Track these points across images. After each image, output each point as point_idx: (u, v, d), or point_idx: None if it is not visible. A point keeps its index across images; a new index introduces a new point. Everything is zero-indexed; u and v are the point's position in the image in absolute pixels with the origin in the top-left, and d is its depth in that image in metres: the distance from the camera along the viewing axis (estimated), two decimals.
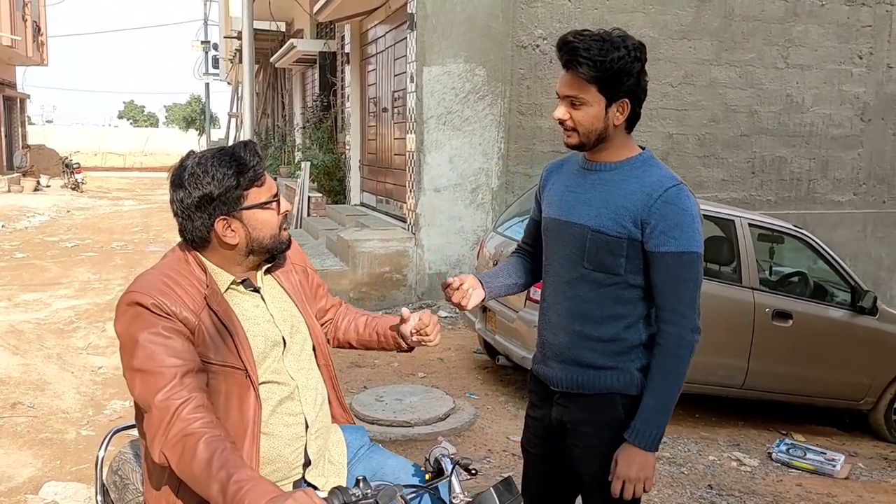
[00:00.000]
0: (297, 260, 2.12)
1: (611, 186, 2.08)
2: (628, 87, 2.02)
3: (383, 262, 8.44)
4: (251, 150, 1.85)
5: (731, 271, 5.39)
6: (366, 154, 12.48)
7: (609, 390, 2.09)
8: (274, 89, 22.90)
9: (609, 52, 1.98)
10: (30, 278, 9.65)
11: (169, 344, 1.72)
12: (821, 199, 9.90)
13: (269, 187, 1.88)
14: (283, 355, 1.93)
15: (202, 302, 1.81)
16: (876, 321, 5.55)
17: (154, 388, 1.68)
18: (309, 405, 1.94)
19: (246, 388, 1.82)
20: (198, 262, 1.88)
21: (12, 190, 21.47)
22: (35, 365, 5.99)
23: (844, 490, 4.56)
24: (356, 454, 2.09)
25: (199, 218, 1.83)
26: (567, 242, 2.14)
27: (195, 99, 54.65)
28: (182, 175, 1.83)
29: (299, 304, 2.03)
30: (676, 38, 9.04)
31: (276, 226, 1.90)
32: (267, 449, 1.86)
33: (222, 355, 1.80)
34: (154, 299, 1.75)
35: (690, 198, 2.04)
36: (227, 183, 1.80)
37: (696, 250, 2.02)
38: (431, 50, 8.36)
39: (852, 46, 9.72)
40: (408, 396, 5.14)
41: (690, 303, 2.03)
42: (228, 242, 1.85)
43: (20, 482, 4.05)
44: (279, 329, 1.93)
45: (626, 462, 2.03)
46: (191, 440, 1.62)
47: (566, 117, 2.07)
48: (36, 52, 25.82)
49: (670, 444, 5.00)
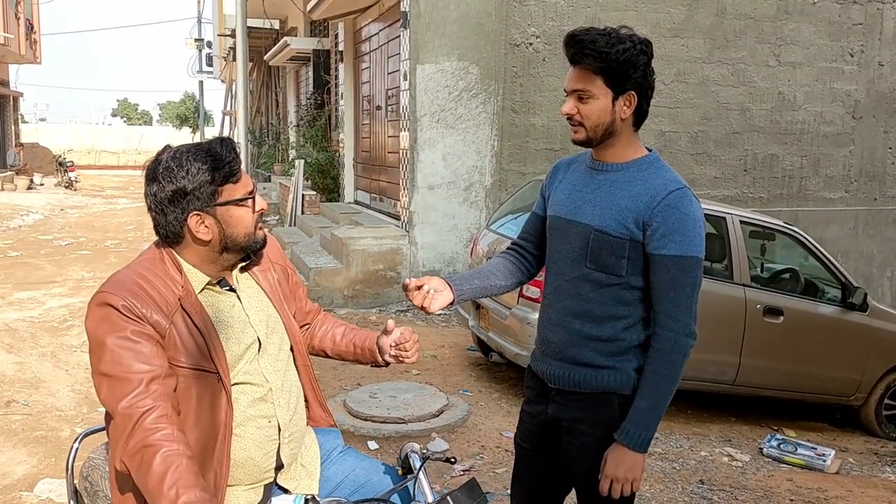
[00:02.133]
0: (275, 258, 2.08)
1: (616, 187, 2.09)
2: (635, 79, 2.04)
3: (377, 259, 8.46)
4: (227, 146, 1.83)
5: (722, 268, 5.43)
6: (360, 152, 12.48)
7: (606, 389, 2.11)
8: (268, 87, 22.87)
9: (615, 44, 2.00)
10: (24, 277, 9.65)
11: (137, 349, 1.70)
12: (813, 196, 9.95)
13: (244, 184, 1.85)
14: (259, 356, 1.90)
15: (175, 303, 1.78)
16: (866, 317, 5.59)
17: (119, 395, 1.67)
18: (283, 408, 1.91)
19: (218, 391, 1.79)
20: (173, 261, 1.84)
21: (6, 188, 21.41)
22: (29, 363, 6.00)
23: (835, 485, 4.59)
24: (328, 456, 2.07)
25: (172, 212, 1.80)
26: (570, 241, 2.15)
27: (189, 97, 54.50)
28: (157, 169, 1.81)
29: (276, 304, 1.99)
30: (669, 37, 9.07)
31: (251, 223, 1.87)
32: (237, 451, 1.84)
33: (194, 359, 1.77)
34: (125, 301, 1.72)
35: (694, 202, 2.05)
36: (202, 178, 1.78)
37: (697, 255, 2.02)
38: (425, 48, 8.38)
39: (844, 44, 9.77)
40: (402, 393, 5.17)
41: (687, 307, 2.04)
42: (202, 238, 1.82)
43: (15, 480, 4.06)
44: (255, 329, 1.91)
45: (615, 462, 2.05)
46: (148, 452, 1.61)
47: (574, 112, 2.08)
48: (29, 50, 25.74)
49: (662, 439, 5.04)
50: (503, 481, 4.08)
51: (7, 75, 26.82)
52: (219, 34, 24.60)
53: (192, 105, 49.48)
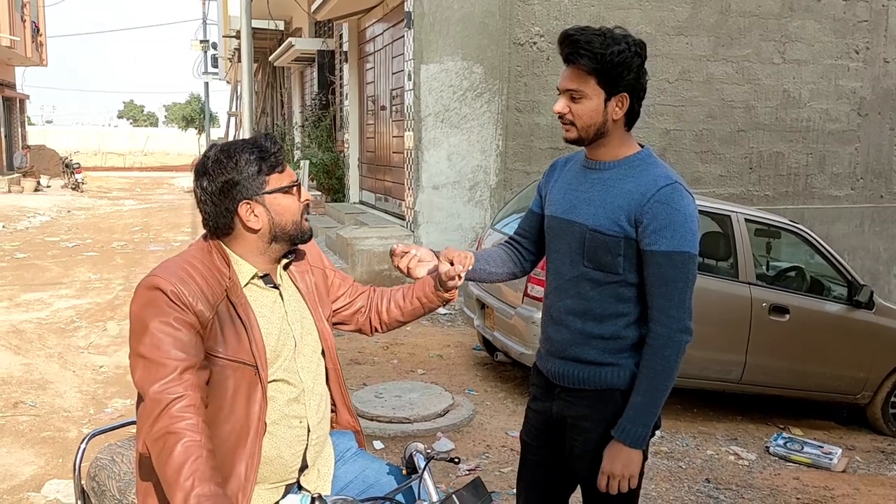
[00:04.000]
0: (315, 262, 2.13)
1: (609, 185, 2.10)
2: (628, 81, 2.04)
3: (382, 259, 8.46)
4: (271, 139, 1.91)
5: (727, 266, 5.42)
6: (364, 152, 12.50)
7: (609, 386, 2.12)
8: (273, 88, 22.92)
9: (610, 45, 2.01)
10: (31, 278, 9.68)
11: (177, 336, 1.74)
12: (818, 193, 9.92)
13: (289, 175, 1.92)
14: (295, 355, 1.94)
15: (222, 293, 1.83)
16: (873, 315, 5.57)
17: (153, 378, 1.70)
18: (312, 410, 1.95)
19: (254, 384, 1.82)
20: (221, 253, 1.89)
21: (12, 190, 21.49)
22: (36, 364, 6.03)
23: (841, 483, 4.58)
24: (342, 457, 2.11)
25: (222, 203, 1.86)
26: (567, 241, 2.16)
27: (195, 98, 54.58)
28: (206, 163, 1.88)
29: (311, 307, 2.03)
30: (673, 35, 9.06)
31: (298, 212, 1.92)
32: (269, 448, 1.86)
33: (233, 350, 1.81)
34: (174, 287, 1.76)
35: (686, 197, 2.04)
36: (250, 168, 1.85)
37: (688, 250, 2.02)
38: (429, 48, 8.38)
39: (849, 41, 9.74)
40: (407, 393, 5.17)
41: (680, 303, 2.03)
42: (252, 227, 1.87)
43: (22, 480, 4.08)
44: (291, 328, 1.94)
45: (612, 458, 2.06)
46: (171, 439, 1.64)
47: (565, 111, 2.08)
48: (35, 52, 25.84)
49: (668, 438, 5.04)
50: (509, 480, 4.08)
51: (13, 78, 26.93)
52: (224, 35, 24.65)
53: (198, 106, 49.58)
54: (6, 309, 7.88)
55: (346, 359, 6.20)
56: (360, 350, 6.47)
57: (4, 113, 24.85)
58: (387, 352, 6.47)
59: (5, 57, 23.75)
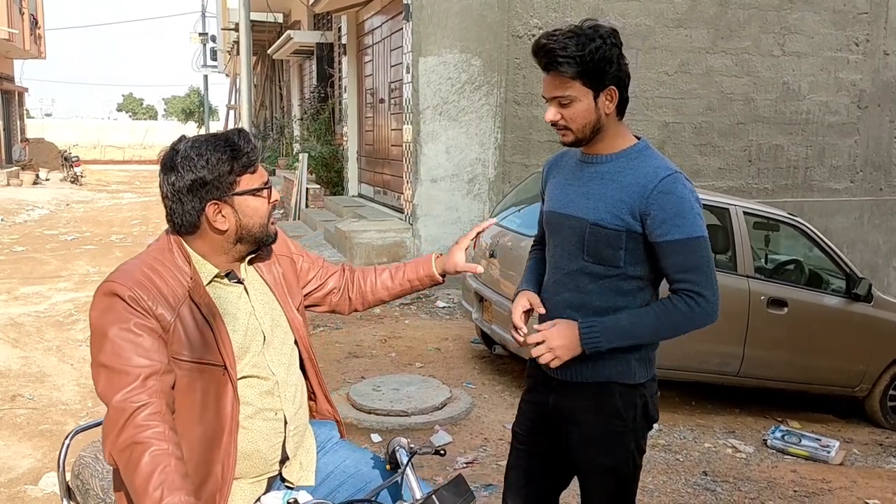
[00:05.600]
0: (281, 251, 2.07)
1: (607, 179, 2.10)
2: (612, 74, 2.03)
3: (381, 252, 8.46)
4: (245, 136, 1.85)
5: (726, 259, 5.41)
6: (363, 145, 12.48)
7: (607, 379, 2.12)
8: (272, 81, 22.88)
9: (586, 44, 1.99)
10: (29, 271, 9.68)
11: (138, 342, 1.69)
12: (818, 186, 9.91)
13: (261, 175, 1.87)
14: (264, 348, 1.90)
15: (184, 294, 1.78)
16: (871, 308, 5.56)
17: (115, 387, 1.66)
18: (288, 401, 1.92)
19: (224, 384, 1.79)
20: (182, 252, 1.84)
21: (11, 184, 21.47)
22: (35, 357, 6.03)
23: (839, 476, 4.58)
24: (323, 447, 2.08)
25: (189, 202, 1.80)
26: (566, 235, 2.16)
27: (194, 91, 54.54)
28: (174, 158, 1.81)
29: (280, 298, 1.99)
30: (672, 27, 9.03)
31: (266, 214, 1.88)
32: (245, 443, 1.85)
33: (199, 352, 1.77)
34: (132, 292, 1.72)
35: (686, 185, 2.05)
36: (221, 168, 1.79)
37: (702, 234, 2.04)
38: (427, 40, 8.36)
39: (849, 34, 9.72)
40: (405, 386, 5.17)
41: (710, 285, 2.04)
42: (219, 228, 1.82)
43: (20, 473, 4.09)
44: (259, 322, 1.91)
45: (561, 334, 2.06)
46: (137, 450, 1.60)
47: (557, 118, 2.08)
48: (34, 45, 25.77)
49: (666, 431, 5.04)
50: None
51: (12, 71, 26.87)
52: (223, 28, 24.62)
53: (197, 99, 49.54)
54: (4, 302, 7.88)
55: (345, 352, 6.20)
56: (357, 343, 6.47)
57: (3, 106, 24.81)
58: (385, 345, 6.47)
59: (4, 50, 23.70)
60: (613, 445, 2.15)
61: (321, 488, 1.98)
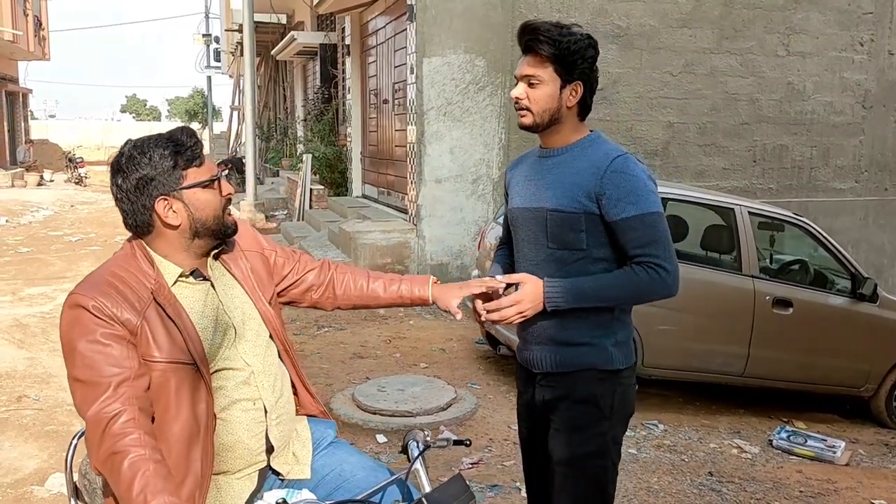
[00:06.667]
0: (249, 245, 2.07)
1: (563, 167, 2.19)
2: (582, 70, 2.14)
3: (385, 253, 8.46)
4: (188, 132, 1.87)
5: (731, 259, 5.41)
6: (367, 146, 12.48)
7: (586, 366, 2.16)
8: (275, 82, 22.90)
9: (566, 35, 2.12)
10: (34, 272, 9.70)
11: (107, 352, 1.72)
12: (822, 186, 9.89)
13: (208, 168, 1.88)
14: (236, 342, 1.91)
15: (148, 297, 1.80)
16: (876, 308, 5.56)
17: (89, 401, 1.69)
18: (267, 390, 1.93)
19: (197, 380, 1.81)
20: (145, 255, 1.86)
21: (16, 185, 21.52)
22: (40, 358, 6.04)
23: (845, 476, 4.58)
24: (317, 447, 2.08)
25: (138, 200, 1.82)
26: (530, 227, 2.23)
27: (197, 92, 54.64)
28: (120, 160, 1.84)
29: (250, 292, 1.99)
30: (676, 27, 9.02)
31: (219, 206, 1.88)
32: (226, 435, 1.86)
33: (168, 351, 1.78)
34: (94, 301, 1.74)
35: (638, 165, 2.14)
36: (165, 163, 1.81)
37: (657, 209, 2.11)
38: (431, 41, 8.36)
39: (853, 33, 9.69)
40: (410, 387, 5.17)
41: (669, 258, 2.10)
42: (171, 223, 1.83)
43: (26, 474, 4.09)
44: (229, 316, 1.92)
45: (532, 294, 2.10)
46: (117, 459, 1.63)
47: (523, 96, 2.17)
48: (38, 46, 25.83)
49: (671, 431, 5.03)
50: (511, 474, 4.08)
51: (16, 72, 26.92)
52: (226, 29, 24.62)
53: (201, 100, 49.62)
54: (10, 303, 7.90)
55: (349, 353, 6.20)
56: (362, 344, 6.48)
57: (7, 107, 24.85)
58: (389, 346, 6.47)
59: (8, 51, 23.75)
60: (588, 434, 2.17)
61: (317, 491, 1.96)
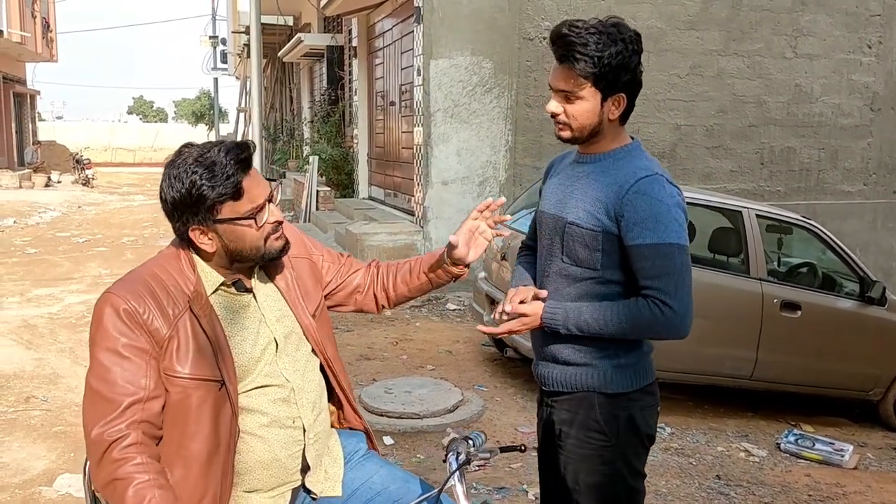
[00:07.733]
0: (297, 252, 1.97)
1: (591, 178, 2.03)
2: (625, 82, 1.96)
3: (391, 255, 8.46)
4: (232, 157, 1.70)
5: (739, 262, 5.39)
6: (374, 148, 12.49)
7: (586, 389, 2.04)
8: (282, 84, 22.93)
9: (607, 46, 1.91)
10: (42, 273, 9.73)
11: (125, 366, 1.67)
12: (830, 189, 9.86)
13: (249, 199, 1.73)
14: (277, 356, 1.85)
15: (184, 305, 1.73)
16: (885, 311, 5.53)
17: (96, 416, 1.66)
18: (307, 408, 1.87)
19: (222, 400, 1.74)
20: (188, 259, 1.80)
21: (24, 186, 21.58)
22: (48, 359, 6.06)
23: (853, 480, 4.56)
24: (349, 460, 2.01)
25: (176, 221, 1.76)
26: (549, 235, 2.11)
27: (204, 94, 54.69)
28: (164, 178, 1.75)
29: (293, 304, 1.91)
30: (684, 29, 9.01)
31: (258, 238, 1.77)
32: (263, 453, 1.80)
33: (195, 367, 1.71)
34: (127, 304, 1.69)
35: (666, 188, 1.94)
36: (197, 194, 1.69)
37: (674, 241, 1.91)
38: (438, 43, 8.36)
39: (861, 36, 9.66)
40: (417, 389, 5.17)
41: (679, 296, 1.92)
42: (206, 249, 1.77)
43: (34, 474, 4.10)
44: (271, 330, 1.85)
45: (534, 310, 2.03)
46: (120, 486, 1.59)
47: (559, 111, 2.01)
48: (45, 48, 25.94)
49: (679, 434, 5.02)
50: (518, 477, 4.08)
51: (24, 74, 27.04)
52: (233, 31, 24.69)
53: (208, 102, 49.69)
54: (18, 304, 7.92)
55: (356, 354, 6.20)
56: (369, 346, 6.48)
57: (15, 109, 24.96)
58: (396, 347, 6.47)
59: (16, 53, 23.85)
60: (596, 463, 2.04)
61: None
